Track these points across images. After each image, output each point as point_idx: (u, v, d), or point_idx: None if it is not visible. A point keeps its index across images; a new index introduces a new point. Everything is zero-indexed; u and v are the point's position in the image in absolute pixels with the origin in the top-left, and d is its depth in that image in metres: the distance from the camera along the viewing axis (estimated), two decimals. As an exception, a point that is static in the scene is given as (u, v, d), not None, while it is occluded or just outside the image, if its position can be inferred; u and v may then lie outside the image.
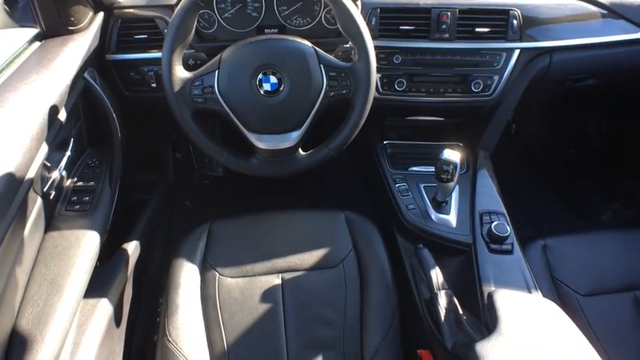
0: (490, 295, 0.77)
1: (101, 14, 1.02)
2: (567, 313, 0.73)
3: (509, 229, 0.91)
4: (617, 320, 0.95)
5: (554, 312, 0.73)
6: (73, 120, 0.92)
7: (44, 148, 0.75)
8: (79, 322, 0.80)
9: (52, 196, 0.84)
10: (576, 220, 1.52)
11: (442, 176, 0.91)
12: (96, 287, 0.84)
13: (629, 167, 1.54)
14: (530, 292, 0.83)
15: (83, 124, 0.98)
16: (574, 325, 0.70)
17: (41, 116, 0.74)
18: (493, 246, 0.90)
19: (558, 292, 0.98)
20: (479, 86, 1.04)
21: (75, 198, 0.89)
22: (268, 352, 0.85)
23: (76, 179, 0.92)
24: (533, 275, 0.87)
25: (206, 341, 0.85)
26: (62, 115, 0.82)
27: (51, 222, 0.84)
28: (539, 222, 1.48)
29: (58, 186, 0.86)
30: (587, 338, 0.68)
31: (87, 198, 0.89)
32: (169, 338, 0.83)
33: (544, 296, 0.81)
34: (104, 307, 0.85)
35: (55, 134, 0.80)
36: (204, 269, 0.94)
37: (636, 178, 1.50)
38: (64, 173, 0.88)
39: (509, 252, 0.89)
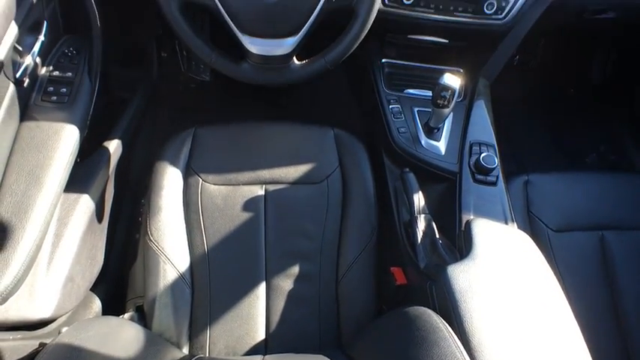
0: (468, 223, 0.79)
1: None
2: (538, 246, 0.76)
3: (496, 162, 0.91)
4: (581, 255, 1.00)
5: (525, 243, 0.76)
6: (46, 0, 0.83)
7: (13, 28, 0.69)
8: (61, 215, 0.80)
9: (25, 84, 0.79)
10: (562, 159, 1.54)
11: (438, 101, 0.88)
12: (77, 182, 0.83)
13: (623, 112, 1.53)
14: (506, 223, 0.86)
15: (57, 7, 0.89)
16: (542, 257, 0.73)
17: None
18: (478, 176, 0.91)
19: (532, 225, 1.02)
20: (492, 7, 0.97)
21: (51, 88, 0.84)
22: (247, 258, 0.88)
23: (51, 68, 0.86)
24: (512, 208, 0.89)
25: (187, 243, 0.88)
26: None
27: (26, 112, 0.80)
28: (524, 157, 1.49)
29: (32, 74, 0.81)
30: (552, 270, 0.71)
31: (64, 89, 0.84)
32: (151, 238, 0.85)
33: (519, 228, 0.84)
34: (85, 202, 0.85)
35: (26, 14, 0.73)
36: (188, 174, 0.93)
37: (627, 123, 1.50)
38: (37, 60, 0.82)
39: (493, 184, 0.90)
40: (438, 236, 0.85)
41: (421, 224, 0.85)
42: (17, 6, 0.68)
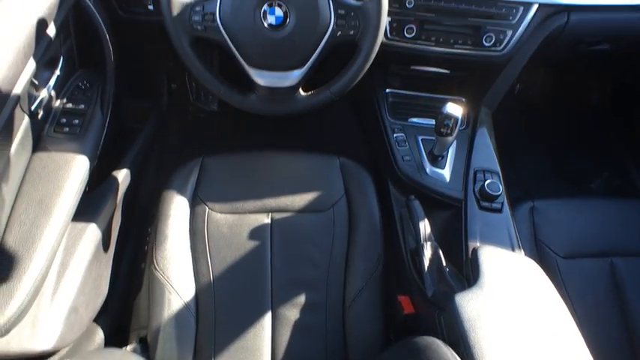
0: (474, 250, 0.79)
1: None
2: (546, 273, 0.75)
3: (501, 189, 0.91)
4: (591, 282, 0.99)
5: (534, 270, 0.76)
6: (63, 37, 0.87)
7: (31, 64, 0.72)
8: (67, 245, 0.81)
9: (40, 116, 0.81)
10: (566, 185, 1.54)
11: (442, 130, 0.90)
12: (84, 212, 0.84)
13: (625, 137, 1.54)
14: (513, 250, 0.85)
15: (74, 43, 0.92)
16: (551, 284, 0.73)
17: (28, 29, 0.70)
18: (483, 203, 0.91)
19: (540, 252, 1.01)
20: (490, 40, 1.00)
21: (64, 120, 0.86)
22: (253, 287, 0.88)
23: (65, 100, 0.89)
24: (519, 235, 0.89)
25: (192, 273, 0.87)
26: (51, 30, 0.78)
27: (39, 143, 0.82)
28: (529, 184, 1.50)
29: (47, 106, 0.83)
30: (562, 298, 0.70)
31: (77, 121, 0.86)
32: (157, 267, 0.84)
33: (526, 255, 0.83)
34: (92, 231, 0.85)
35: (44, 50, 0.76)
36: (195, 203, 0.94)
37: (630, 148, 1.51)
38: (52, 93, 0.85)
39: (499, 211, 0.90)
40: (444, 264, 0.84)
41: (428, 252, 0.85)
42: (36, 43, 0.72)
